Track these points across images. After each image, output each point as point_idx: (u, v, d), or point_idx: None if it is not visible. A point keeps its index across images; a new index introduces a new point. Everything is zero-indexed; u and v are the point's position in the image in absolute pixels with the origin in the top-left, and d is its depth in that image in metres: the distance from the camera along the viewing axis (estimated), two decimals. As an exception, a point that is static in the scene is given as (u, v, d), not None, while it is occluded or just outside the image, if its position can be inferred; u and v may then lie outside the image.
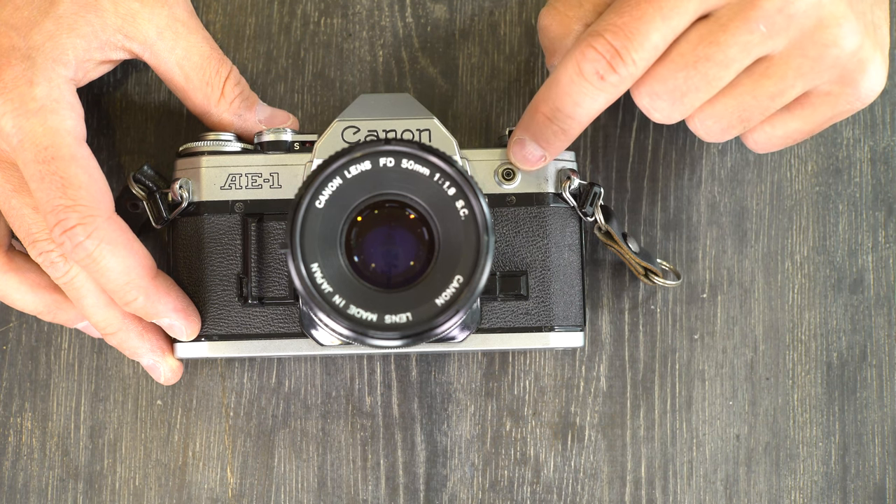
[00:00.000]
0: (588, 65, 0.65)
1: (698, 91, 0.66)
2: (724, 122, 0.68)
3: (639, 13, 0.64)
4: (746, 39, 0.65)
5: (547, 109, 0.67)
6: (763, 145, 0.71)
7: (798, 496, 0.75)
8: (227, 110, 0.73)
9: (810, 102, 0.68)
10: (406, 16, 0.77)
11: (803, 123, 0.69)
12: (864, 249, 0.76)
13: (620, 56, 0.65)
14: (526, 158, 0.70)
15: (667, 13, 0.64)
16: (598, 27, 0.65)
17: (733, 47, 0.65)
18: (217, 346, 0.71)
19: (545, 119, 0.68)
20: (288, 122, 0.74)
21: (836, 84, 0.67)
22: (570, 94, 0.66)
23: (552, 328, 0.71)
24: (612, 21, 0.65)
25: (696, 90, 0.66)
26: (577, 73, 0.65)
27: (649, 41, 0.65)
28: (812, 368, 0.76)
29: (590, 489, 0.75)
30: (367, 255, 0.66)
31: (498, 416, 0.75)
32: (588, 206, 0.71)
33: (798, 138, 0.70)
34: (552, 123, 0.68)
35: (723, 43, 0.65)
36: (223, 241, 0.71)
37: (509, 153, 0.70)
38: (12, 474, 0.75)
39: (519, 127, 0.69)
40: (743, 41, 0.65)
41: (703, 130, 0.69)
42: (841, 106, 0.68)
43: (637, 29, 0.64)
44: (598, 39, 0.65)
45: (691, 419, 0.75)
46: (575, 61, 0.66)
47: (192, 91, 0.72)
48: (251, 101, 0.73)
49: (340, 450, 0.75)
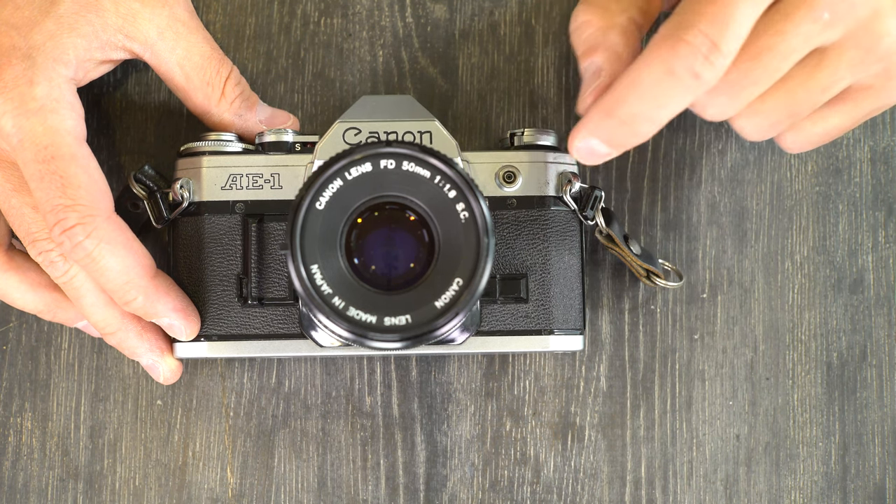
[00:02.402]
0: (680, 62, 0.61)
1: (757, 84, 0.63)
2: (773, 118, 0.66)
3: (725, 4, 0.60)
4: (809, 28, 0.62)
5: (625, 114, 0.63)
6: (800, 144, 0.70)
7: (798, 496, 0.75)
8: (227, 110, 0.73)
9: (852, 97, 0.67)
10: (406, 16, 0.77)
11: (844, 119, 0.68)
12: (864, 249, 0.76)
13: (718, 48, 0.60)
14: (592, 156, 0.65)
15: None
16: (685, 17, 0.61)
17: (797, 37, 0.62)
18: (217, 347, 0.71)
19: (620, 123, 0.63)
20: (288, 122, 0.74)
21: (881, 77, 0.66)
22: (656, 96, 0.62)
23: (552, 331, 0.71)
24: (701, 10, 0.61)
25: (755, 83, 0.63)
26: (668, 72, 0.61)
27: (742, 28, 0.61)
28: (812, 368, 0.76)
29: (590, 489, 0.75)
30: (368, 256, 0.66)
31: (498, 417, 0.75)
32: (589, 209, 0.71)
33: (835, 135, 0.69)
34: (628, 127, 0.63)
35: (787, 32, 0.62)
36: (223, 241, 0.71)
37: (573, 149, 0.65)
38: (12, 474, 0.75)
39: (585, 126, 0.65)
40: (806, 31, 0.62)
41: (750, 128, 0.67)
42: (882, 100, 0.67)
43: (731, 15, 0.60)
44: (691, 31, 0.60)
45: (691, 419, 0.75)
46: (662, 60, 0.61)
47: (193, 91, 0.72)
48: (252, 101, 0.73)
49: (340, 450, 0.75)
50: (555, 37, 0.77)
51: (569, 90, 0.76)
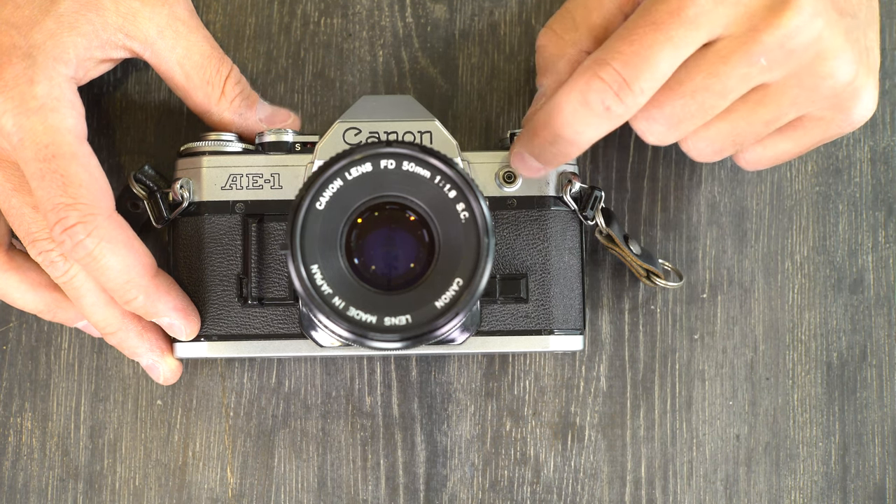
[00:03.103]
0: (594, 95, 0.64)
1: (694, 118, 0.65)
2: (716, 146, 0.68)
3: (649, 41, 0.63)
4: (745, 72, 0.64)
5: (548, 135, 0.66)
6: (753, 164, 0.71)
7: (798, 496, 0.75)
8: (227, 109, 0.72)
9: (802, 125, 0.68)
10: (406, 16, 0.77)
11: (794, 145, 0.70)
12: (864, 249, 0.76)
13: (629, 86, 0.63)
14: (527, 169, 0.69)
15: (676, 42, 0.63)
16: (604, 55, 0.64)
17: (732, 79, 0.64)
18: (217, 347, 0.71)
19: (545, 142, 0.67)
20: (289, 120, 0.74)
21: (830, 110, 0.67)
22: (573, 123, 0.65)
23: (552, 331, 0.71)
24: (620, 49, 0.63)
25: (691, 117, 0.65)
26: (582, 103, 0.64)
27: (658, 70, 0.63)
28: (812, 368, 0.76)
29: (590, 489, 0.75)
30: (368, 256, 0.66)
31: (498, 416, 0.75)
32: (589, 209, 0.71)
33: (788, 158, 0.71)
34: (552, 147, 0.66)
35: (722, 74, 0.64)
36: (223, 241, 0.71)
37: (511, 160, 0.70)
38: (12, 474, 0.75)
39: (519, 141, 0.69)
40: (742, 73, 0.64)
41: (695, 152, 0.68)
42: (832, 130, 0.69)
43: (647, 58, 0.63)
44: (606, 69, 0.63)
45: (691, 419, 0.75)
46: (579, 91, 0.64)
47: (193, 90, 0.72)
48: (252, 100, 0.73)
49: (340, 450, 0.75)
50: (555, 37, 0.77)
51: (569, 90, 0.76)
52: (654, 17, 0.63)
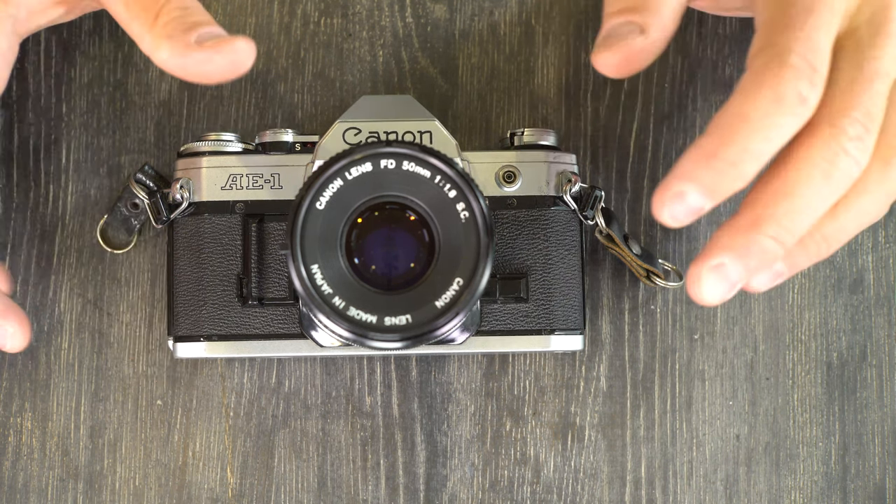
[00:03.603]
0: (788, 87, 0.57)
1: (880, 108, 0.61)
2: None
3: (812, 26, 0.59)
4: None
5: (734, 152, 0.57)
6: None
7: (798, 496, 0.75)
8: (159, 32, 0.64)
9: None
10: (406, 16, 0.77)
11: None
12: (864, 249, 0.76)
13: (817, 69, 0.58)
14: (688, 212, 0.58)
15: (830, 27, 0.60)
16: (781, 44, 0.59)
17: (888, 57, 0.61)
18: (216, 347, 0.71)
19: (728, 166, 0.57)
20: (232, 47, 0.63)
21: None
22: (766, 127, 0.58)
23: (552, 331, 0.71)
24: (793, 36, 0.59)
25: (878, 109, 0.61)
26: (775, 100, 0.57)
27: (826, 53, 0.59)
28: (812, 368, 0.76)
29: (590, 489, 0.75)
30: (368, 256, 0.66)
31: (498, 416, 0.75)
32: (589, 209, 0.71)
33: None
34: (735, 168, 0.58)
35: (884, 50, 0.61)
36: (223, 241, 0.71)
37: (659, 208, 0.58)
38: (12, 474, 0.75)
39: (683, 174, 0.58)
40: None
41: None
42: None
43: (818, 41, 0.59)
44: (791, 56, 0.58)
45: (691, 419, 0.75)
46: (769, 88, 0.58)
47: (131, 20, 0.65)
48: (190, 24, 0.64)
49: (340, 450, 0.75)
50: (555, 37, 0.77)
51: (569, 90, 0.77)
52: (805, 4, 0.60)
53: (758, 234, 0.58)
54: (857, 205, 0.61)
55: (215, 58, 0.63)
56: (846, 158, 0.58)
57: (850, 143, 0.58)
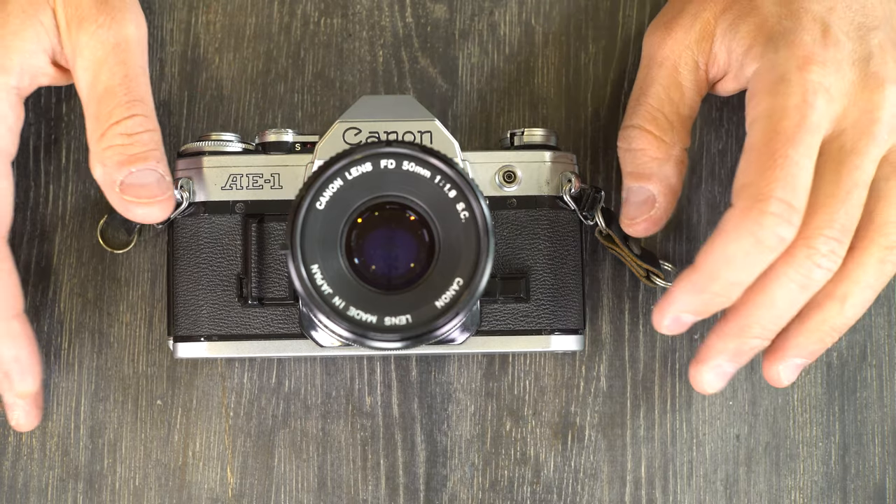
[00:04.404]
0: (767, 232, 0.63)
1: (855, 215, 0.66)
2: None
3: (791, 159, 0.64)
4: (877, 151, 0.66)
5: (719, 287, 0.65)
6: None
7: (798, 496, 0.75)
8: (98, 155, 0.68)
9: None
10: (406, 16, 0.77)
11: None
12: (864, 249, 0.76)
13: (795, 208, 0.63)
14: (682, 327, 0.68)
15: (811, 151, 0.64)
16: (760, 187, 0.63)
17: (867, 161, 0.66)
18: (217, 347, 0.71)
19: (715, 297, 0.65)
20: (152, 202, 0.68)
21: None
22: (747, 266, 0.64)
23: (552, 331, 0.71)
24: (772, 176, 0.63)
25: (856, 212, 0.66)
26: (755, 244, 0.63)
27: (806, 183, 0.64)
28: (812, 368, 0.76)
29: (590, 489, 0.75)
30: (368, 256, 0.66)
31: (498, 416, 0.75)
32: (589, 209, 0.71)
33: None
34: (721, 297, 0.65)
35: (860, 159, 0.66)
36: (223, 241, 0.71)
37: (658, 326, 0.68)
38: (12, 474, 0.75)
39: (676, 305, 0.66)
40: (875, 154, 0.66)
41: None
42: None
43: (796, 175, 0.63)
44: (769, 201, 0.63)
45: (691, 419, 0.75)
46: (749, 233, 0.63)
47: (88, 120, 0.69)
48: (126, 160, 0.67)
49: (340, 450, 0.75)
50: (555, 37, 0.77)
51: (569, 90, 0.76)
52: (784, 134, 0.64)
53: (746, 338, 0.67)
54: (861, 299, 0.67)
55: (131, 209, 0.68)
56: (819, 271, 0.64)
57: (823, 259, 0.64)
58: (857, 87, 0.66)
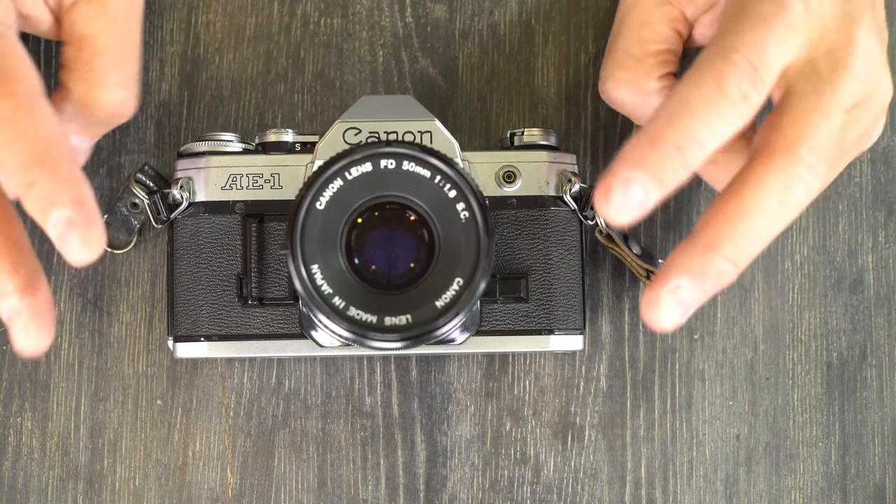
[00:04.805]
0: (730, 80, 0.58)
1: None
2: None
3: (763, 35, 0.60)
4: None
5: (676, 138, 0.57)
6: None
7: (798, 496, 0.75)
8: None
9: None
10: (406, 16, 0.77)
11: None
12: (864, 249, 0.76)
13: (759, 73, 0.59)
14: (628, 204, 0.57)
15: (782, 41, 0.60)
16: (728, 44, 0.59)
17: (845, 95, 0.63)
18: (216, 347, 0.71)
19: (672, 149, 0.57)
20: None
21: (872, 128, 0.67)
22: (706, 117, 0.58)
23: (552, 331, 0.71)
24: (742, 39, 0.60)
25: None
26: (717, 89, 0.58)
27: (774, 64, 0.60)
28: (812, 368, 0.76)
29: (590, 489, 0.75)
30: (368, 256, 0.66)
31: (498, 416, 0.75)
32: (589, 209, 0.71)
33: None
34: (678, 154, 0.57)
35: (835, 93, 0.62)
36: (223, 241, 0.71)
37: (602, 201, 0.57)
38: (12, 474, 0.75)
39: (625, 163, 0.57)
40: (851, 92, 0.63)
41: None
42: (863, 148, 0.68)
43: (766, 50, 0.60)
44: (735, 55, 0.59)
45: (691, 419, 0.75)
46: (713, 77, 0.58)
47: None
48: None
49: (340, 450, 0.75)
50: (555, 37, 0.77)
51: (569, 90, 0.77)
52: (761, 15, 0.60)
53: (714, 255, 0.59)
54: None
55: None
56: (800, 184, 0.59)
57: (805, 170, 0.59)
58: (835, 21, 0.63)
